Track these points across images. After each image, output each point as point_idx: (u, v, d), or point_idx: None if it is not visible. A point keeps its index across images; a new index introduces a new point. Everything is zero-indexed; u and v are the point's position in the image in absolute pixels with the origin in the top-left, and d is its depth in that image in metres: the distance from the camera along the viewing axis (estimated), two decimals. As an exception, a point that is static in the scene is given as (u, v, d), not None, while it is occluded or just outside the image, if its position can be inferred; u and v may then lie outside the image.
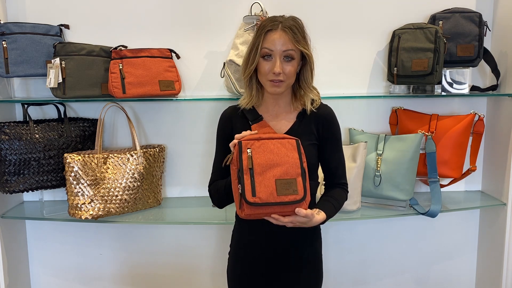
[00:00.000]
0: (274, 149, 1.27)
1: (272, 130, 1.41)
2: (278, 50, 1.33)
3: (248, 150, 1.25)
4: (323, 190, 1.52)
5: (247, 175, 1.23)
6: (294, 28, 1.34)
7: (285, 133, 1.42)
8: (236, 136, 1.31)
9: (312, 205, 1.40)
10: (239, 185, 1.24)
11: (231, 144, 1.30)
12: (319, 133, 1.43)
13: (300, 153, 1.28)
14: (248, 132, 1.32)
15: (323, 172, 1.49)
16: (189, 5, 2.04)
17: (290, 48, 1.33)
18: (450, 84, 1.99)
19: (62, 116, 2.01)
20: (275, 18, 1.37)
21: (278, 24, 1.35)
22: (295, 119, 1.44)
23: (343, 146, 1.50)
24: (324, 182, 1.52)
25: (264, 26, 1.36)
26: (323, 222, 1.37)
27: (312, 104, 1.43)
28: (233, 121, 1.47)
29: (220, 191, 1.42)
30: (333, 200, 1.43)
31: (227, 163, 1.28)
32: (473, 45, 1.96)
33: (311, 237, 1.46)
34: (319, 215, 1.33)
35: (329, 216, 1.38)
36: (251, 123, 1.43)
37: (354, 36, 2.09)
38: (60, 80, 1.83)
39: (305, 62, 1.40)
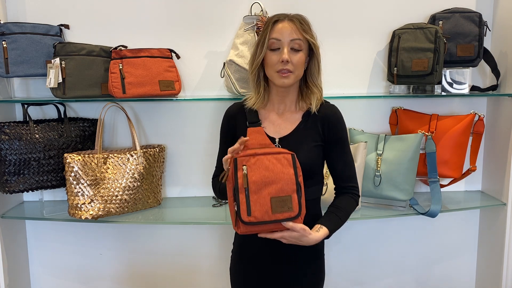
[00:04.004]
0: (269, 165, 1.25)
1: (265, 137, 1.35)
2: (285, 40, 1.34)
3: (244, 167, 1.24)
4: (329, 190, 1.49)
5: (242, 194, 1.23)
6: (301, 19, 1.37)
7: (291, 133, 1.41)
8: (229, 149, 1.28)
9: (315, 210, 1.40)
10: (235, 202, 1.23)
11: (224, 159, 1.29)
12: (324, 134, 1.42)
13: (296, 168, 1.27)
14: (240, 141, 1.27)
15: (331, 175, 1.46)
16: (189, 5, 2.04)
17: (298, 37, 1.34)
18: (450, 84, 1.99)
19: (62, 116, 2.01)
20: (281, 13, 1.39)
21: (285, 16, 1.37)
22: (300, 119, 1.43)
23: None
24: (332, 184, 1.49)
25: (271, 18, 1.37)
26: (328, 237, 1.34)
27: (315, 104, 1.43)
28: (237, 119, 1.47)
29: (217, 191, 1.48)
30: (339, 211, 1.39)
31: (223, 181, 1.28)
32: (473, 45, 1.96)
33: None
34: (319, 232, 1.31)
35: (332, 230, 1.35)
36: (248, 125, 1.41)
37: (354, 36, 2.09)
38: (60, 80, 1.83)
39: (312, 57, 1.40)
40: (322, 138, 1.42)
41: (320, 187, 1.47)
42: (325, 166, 1.48)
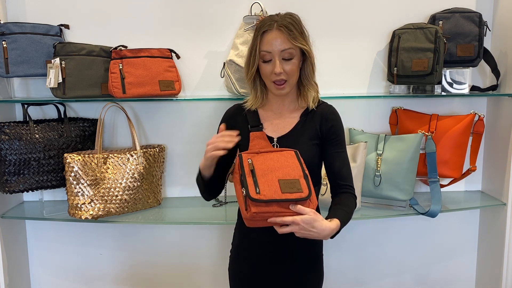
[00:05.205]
0: (274, 157, 1.29)
1: (268, 143, 1.40)
2: (276, 51, 1.33)
3: (249, 160, 1.28)
4: (328, 191, 1.49)
5: (249, 177, 1.23)
6: (290, 25, 1.34)
7: (289, 132, 1.43)
8: (208, 142, 1.31)
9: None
10: (243, 188, 1.23)
11: (208, 145, 1.31)
12: (322, 132, 1.42)
13: (300, 161, 1.28)
14: (227, 133, 1.33)
15: (327, 174, 1.45)
16: (189, 5, 2.04)
17: (288, 47, 1.33)
18: (450, 84, 1.99)
19: (62, 116, 2.01)
20: (271, 18, 1.37)
21: (274, 23, 1.34)
22: (298, 118, 1.44)
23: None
24: (329, 186, 1.48)
25: (260, 28, 1.36)
26: (338, 231, 1.29)
27: (312, 101, 1.44)
28: (236, 120, 1.47)
29: (201, 187, 1.45)
30: (344, 206, 1.36)
31: (229, 174, 1.31)
32: (473, 45, 1.96)
33: None
34: (331, 222, 1.26)
35: (343, 222, 1.29)
36: (250, 129, 1.42)
37: (354, 36, 2.09)
38: (60, 80, 1.83)
39: (305, 58, 1.40)
40: (319, 136, 1.42)
41: (317, 189, 1.47)
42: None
